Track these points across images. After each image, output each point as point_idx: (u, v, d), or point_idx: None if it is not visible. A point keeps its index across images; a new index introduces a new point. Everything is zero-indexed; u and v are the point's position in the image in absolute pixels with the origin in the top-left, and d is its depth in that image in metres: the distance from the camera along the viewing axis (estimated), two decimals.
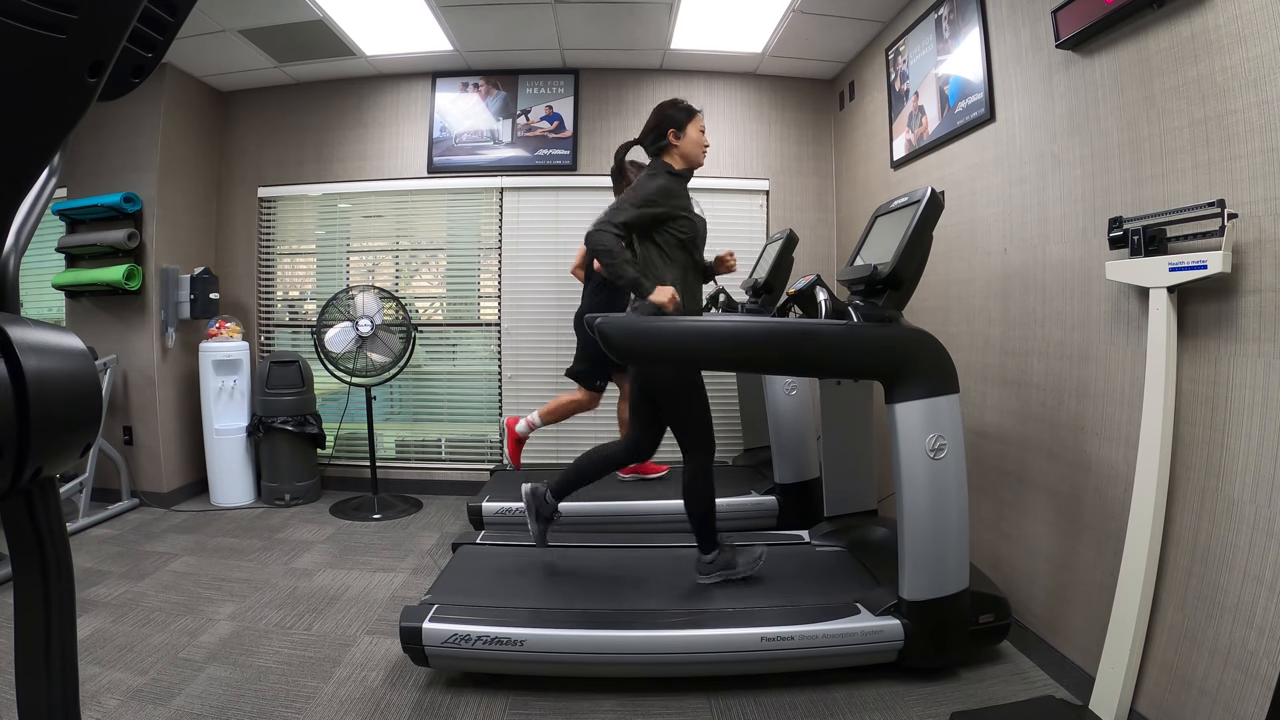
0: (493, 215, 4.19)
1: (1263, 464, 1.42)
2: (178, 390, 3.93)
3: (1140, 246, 1.64)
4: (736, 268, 2.47)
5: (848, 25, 3.45)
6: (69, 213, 3.71)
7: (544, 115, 4.13)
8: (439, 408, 4.34)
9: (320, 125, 4.22)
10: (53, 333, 0.40)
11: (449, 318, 4.33)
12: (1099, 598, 1.86)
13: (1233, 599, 1.48)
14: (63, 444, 0.40)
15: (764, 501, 3.09)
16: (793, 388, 3.05)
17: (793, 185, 4.20)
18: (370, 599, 2.63)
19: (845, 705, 1.90)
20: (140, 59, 0.48)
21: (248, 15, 3.32)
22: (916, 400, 1.91)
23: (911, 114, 3.10)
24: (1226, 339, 1.52)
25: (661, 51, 3.89)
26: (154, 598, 2.62)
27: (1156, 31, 1.69)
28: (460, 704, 1.92)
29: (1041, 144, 2.20)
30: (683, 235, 2.19)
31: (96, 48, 0.36)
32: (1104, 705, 1.69)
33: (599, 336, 1.97)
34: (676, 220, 2.18)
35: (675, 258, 2.20)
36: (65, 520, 0.45)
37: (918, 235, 1.98)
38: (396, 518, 3.68)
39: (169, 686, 1.99)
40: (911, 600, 1.94)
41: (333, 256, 4.39)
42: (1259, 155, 1.43)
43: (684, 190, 2.25)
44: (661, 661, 1.95)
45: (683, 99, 2.29)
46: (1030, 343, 2.25)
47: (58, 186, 0.50)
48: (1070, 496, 2.05)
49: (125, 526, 3.47)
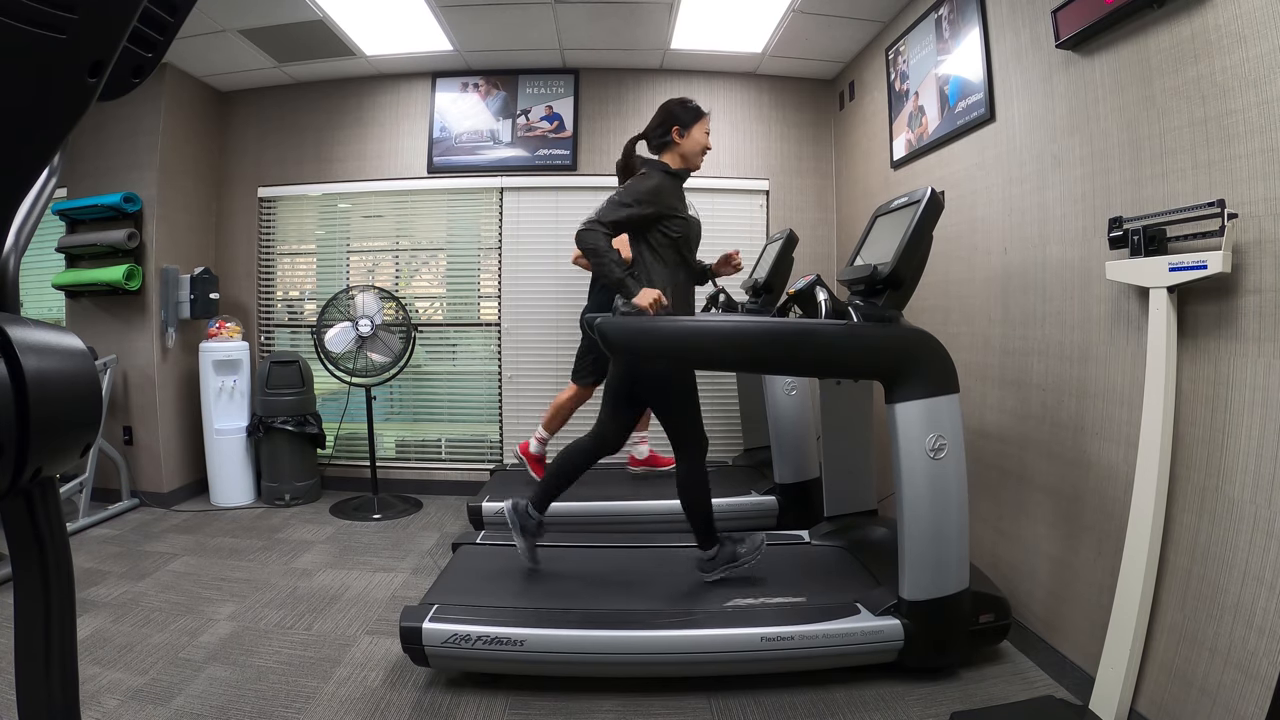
0: (493, 215, 4.19)
1: (1263, 464, 1.42)
2: (178, 390, 3.93)
3: (1140, 246, 1.64)
4: (743, 265, 2.46)
5: (848, 25, 3.45)
6: (69, 213, 3.71)
7: (544, 115, 4.13)
8: (439, 408, 4.34)
9: (320, 125, 4.22)
10: (53, 333, 0.40)
11: (449, 318, 4.33)
12: (1099, 598, 1.86)
13: (1233, 599, 1.48)
14: (63, 444, 0.40)
15: (764, 501, 3.10)
16: (793, 388, 3.05)
17: (793, 185, 4.20)
18: (370, 599, 2.63)
19: (845, 705, 1.90)
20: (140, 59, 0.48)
21: (248, 15, 3.32)
22: (916, 400, 1.91)
23: (911, 114, 3.10)
24: (1226, 339, 1.52)
25: (661, 51, 3.89)
26: (154, 598, 2.62)
27: (1156, 31, 1.69)
28: (460, 704, 1.92)
29: (1041, 144, 2.20)
30: (674, 235, 2.19)
31: (96, 48, 0.36)
32: (1104, 705, 1.69)
33: (599, 336, 1.97)
34: (667, 220, 2.18)
35: (667, 258, 2.20)
36: (65, 520, 0.45)
37: (918, 235, 1.98)
38: (396, 518, 3.68)
39: (169, 686, 1.99)
40: (911, 600, 1.94)
41: (333, 256, 4.39)
42: (1259, 155, 1.43)
43: (678, 190, 2.25)
44: (661, 661, 1.95)
45: (693, 99, 2.29)
46: (1030, 342, 2.25)
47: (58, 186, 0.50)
48: (1070, 496, 2.05)
49: (125, 526, 3.47)
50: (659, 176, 2.20)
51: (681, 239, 2.21)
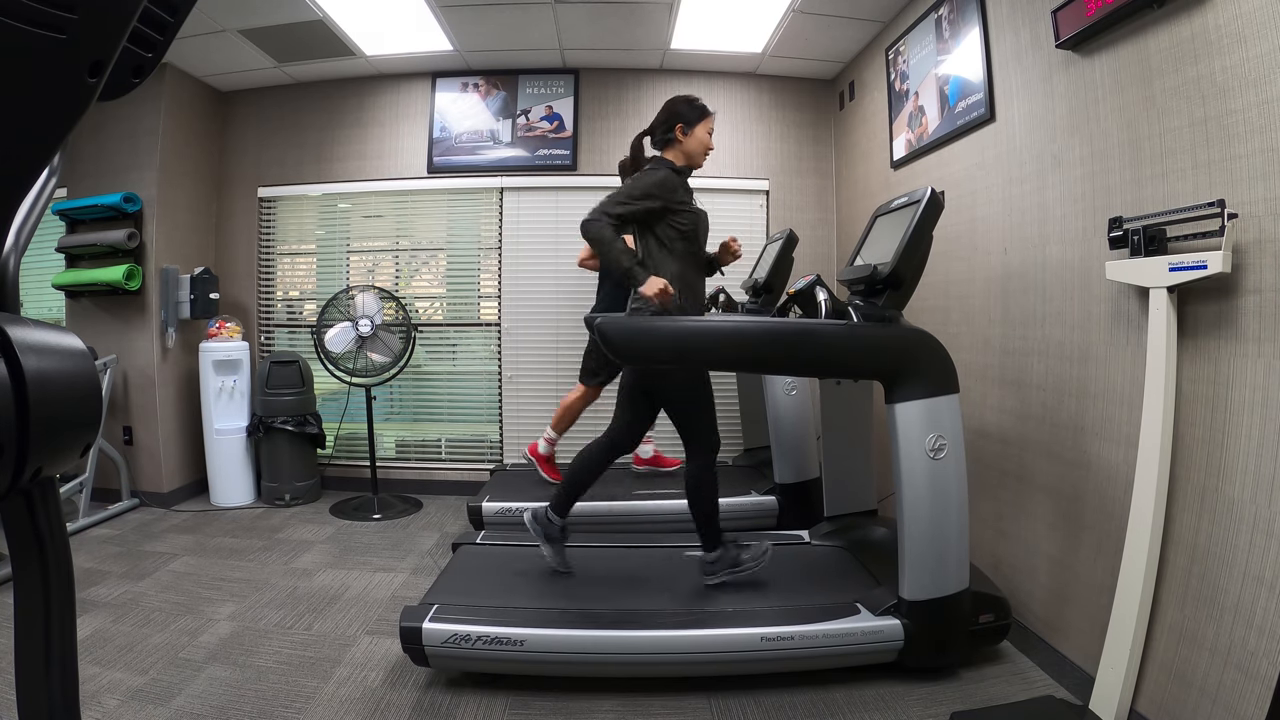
0: (493, 215, 4.19)
1: (1263, 464, 1.42)
2: (178, 390, 3.93)
3: (1140, 246, 1.64)
4: (742, 253, 2.45)
5: (848, 25, 3.45)
6: (69, 213, 3.71)
7: (544, 115, 4.13)
8: (439, 408, 4.34)
9: (320, 125, 4.22)
10: (53, 333, 0.40)
11: (449, 318, 4.33)
12: (1099, 598, 1.86)
13: (1233, 599, 1.48)
14: (63, 444, 0.40)
15: (764, 501, 3.10)
16: (793, 388, 3.05)
17: (793, 185, 4.20)
18: (370, 599, 2.63)
19: (845, 705, 1.90)
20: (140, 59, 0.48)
21: (248, 15, 3.32)
22: (916, 400, 1.91)
23: (911, 114, 3.10)
24: (1226, 339, 1.52)
25: (661, 51, 3.89)
26: (154, 598, 2.62)
27: (1156, 31, 1.69)
28: (460, 704, 1.92)
29: (1041, 144, 2.20)
30: (683, 227, 2.19)
31: (96, 48, 0.36)
32: (1104, 705, 1.69)
33: (599, 336, 1.97)
34: (675, 213, 2.18)
35: (676, 250, 2.20)
36: (65, 520, 0.45)
37: (918, 235, 1.98)
38: (396, 518, 3.68)
39: (169, 686, 1.99)
40: (911, 600, 1.94)
41: (333, 256, 4.39)
42: (1259, 155, 1.43)
43: (684, 185, 2.25)
44: (661, 661, 1.95)
45: (699, 98, 2.29)
46: (1030, 343, 2.25)
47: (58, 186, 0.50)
48: (1070, 496, 2.05)
49: (125, 526, 3.47)
50: (664, 171, 2.20)
51: (690, 231, 2.21)
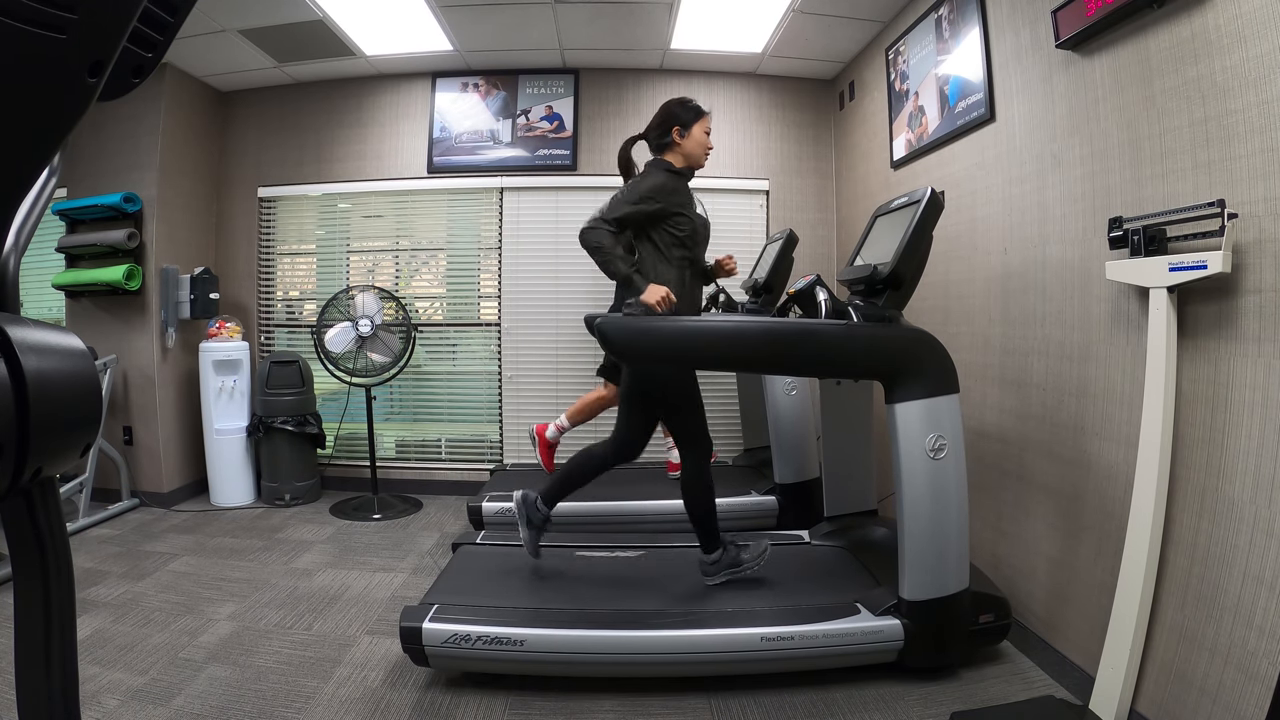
0: (493, 215, 4.19)
1: (1263, 464, 1.42)
2: (178, 390, 3.93)
3: (1140, 246, 1.64)
4: (737, 271, 2.46)
5: (848, 25, 3.45)
6: (69, 213, 3.71)
7: (544, 115, 4.13)
8: (439, 408, 4.34)
9: (320, 125, 4.22)
10: (53, 333, 0.40)
11: (449, 318, 4.33)
12: (1099, 598, 1.86)
13: (1233, 599, 1.48)
14: (63, 444, 0.40)
15: (764, 501, 3.10)
16: (793, 388, 3.05)
17: (793, 185, 4.20)
18: (370, 599, 2.63)
19: (845, 705, 1.90)
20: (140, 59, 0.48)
21: (248, 15, 3.32)
22: (916, 400, 1.91)
23: (911, 114, 3.10)
24: (1226, 339, 1.52)
25: (661, 51, 3.89)
26: (154, 598, 2.61)
27: (1156, 31, 1.69)
28: (460, 704, 1.92)
29: (1041, 144, 2.20)
30: (680, 233, 2.19)
31: (96, 48, 0.36)
32: (1104, 705, 1.69)
33: (599, 336, 1.97)
34: (673, 218, 2.18)
35: (672, 256, 2.20)
36: (65, 520, 0.45)
37: (918, 235, 1.98)
38: (396, 518, 3.68)
39: (169, 686, 1.99)
40: (911, 600, 1.94)
41: (333, 256, 4.39)
42: (1259, 155, 1.43)
43: (684, 188, 2.24)
44: (661, 661, 1.95)
45: (692, 99, 2.29)
46: (1030, 342, 2.25)
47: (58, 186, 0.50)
48: (1070, 496, 2.05)
49: (125, 526, 3.47)
50: (662, 175, 2.20)
51: (688, 237, 2.20)
